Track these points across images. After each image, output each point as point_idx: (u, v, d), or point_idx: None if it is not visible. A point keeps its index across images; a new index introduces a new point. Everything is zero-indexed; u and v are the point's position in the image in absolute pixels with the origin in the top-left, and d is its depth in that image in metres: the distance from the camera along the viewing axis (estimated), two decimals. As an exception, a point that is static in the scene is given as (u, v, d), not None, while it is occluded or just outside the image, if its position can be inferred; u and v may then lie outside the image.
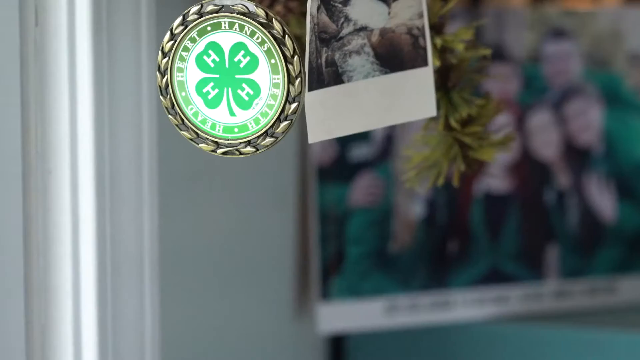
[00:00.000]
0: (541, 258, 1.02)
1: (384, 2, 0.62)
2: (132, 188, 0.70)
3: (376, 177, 0.97)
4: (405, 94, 0.63)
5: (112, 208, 0.69)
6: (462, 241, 1.00)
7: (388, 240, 0.98)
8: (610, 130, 1.04)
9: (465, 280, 1.00)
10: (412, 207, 0.99)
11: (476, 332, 1.00)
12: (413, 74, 0.63)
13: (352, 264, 0.97)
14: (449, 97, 0.70)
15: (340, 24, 0.61)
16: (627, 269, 1.05)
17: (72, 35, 0.66)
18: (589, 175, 1.03)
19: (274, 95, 0.58)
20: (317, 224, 0.96)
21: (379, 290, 0.98)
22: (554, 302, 1.02)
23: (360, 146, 0.97)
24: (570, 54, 1.03)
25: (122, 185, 0.70)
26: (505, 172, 1.01)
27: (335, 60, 0.61)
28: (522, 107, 1.02)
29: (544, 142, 1.02)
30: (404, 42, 0.63)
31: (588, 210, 1.03)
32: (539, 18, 1.02)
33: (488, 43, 1.00)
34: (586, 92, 1.03)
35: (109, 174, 0.69)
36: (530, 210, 1.02)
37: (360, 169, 0.97)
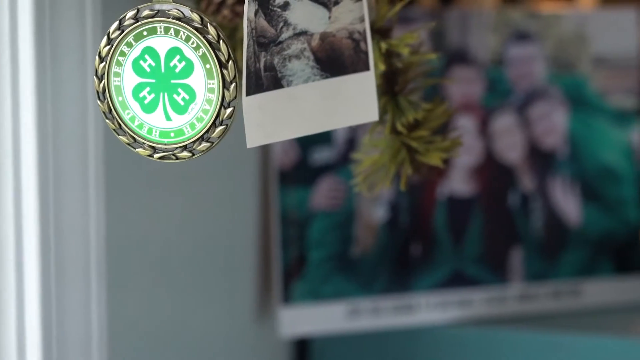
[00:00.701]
0: (505, 261, 1.02)
1: (325, 7, 0.62)
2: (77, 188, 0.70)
3: (338, 180, 0.97)
4: (346, 98, 0.63)
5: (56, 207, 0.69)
6: (425, 244, 1.00)
7: (350, 244, 0.98)
8: (575, 133, 1.04)
9: (428, 283, 1.00)
10: (375, 210, 0.98)
11: (439, 336, 1.00)
12: (355, 78, 0.63)
13: (313, 268, 0.97)
14: (395, 101, 0.70)
15: (280, 29, 0.61)
16: (592, 272, 1.04)
17: (15, 39, 0.65)
18: (554, 178, 1.03)
19: (209, 100, 0.58)
20: (279, 228, 0.96)
21: (340, 293, 0.97)
22: (518, 306, 1.02)
23: (322, 149, 0.97)
24: (534, 57, 1.03)
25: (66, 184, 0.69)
26: (469, 175, 1.01)
27: (274, 64, 0.61)
28: (486, 110, 1.01)
29: (508, 145, 1.02)
30: (345, 46, 0.63)
31: (552, 214, 1.03)
32: (503, 21, 1.02)
33: (452, 46, 1.00)
34: (550, 95, 1.03)
35: (52, 172, 0.68)
36: (494, 213, 1.02)
37: (322, 172, 0.97)
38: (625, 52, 1.06)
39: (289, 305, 0.96)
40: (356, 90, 0.63)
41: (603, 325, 1.00)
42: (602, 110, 1.05)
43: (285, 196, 0.96)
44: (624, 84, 1.06)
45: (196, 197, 0.91)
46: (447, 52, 1.00)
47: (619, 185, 1.05)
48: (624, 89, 1.06)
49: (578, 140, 1.04)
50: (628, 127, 1.06)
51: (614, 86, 1.05)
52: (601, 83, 1.05)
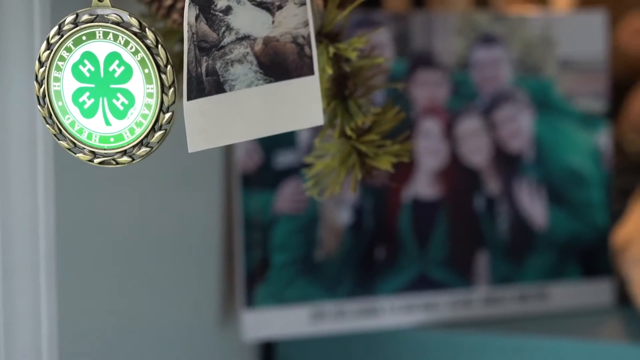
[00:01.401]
0: (471, 264, 1.02)
1: (268, 11, 0.62)
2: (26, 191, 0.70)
3: (302, 184, 0.97)
4: (291, 103, 0.63)
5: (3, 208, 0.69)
6: (390, 248, 1.00)
7: (314, 247, 0.98)
8: (541, 136, 1.04)
9: (393, 287, 1.00)
10: (339, 214, 0.98)
11: (405, 339, 1.00)
12: (299, 82, 0.63)
13: (277, 271, 0.97)
14: (345, 105, 0.70)
15: (222, 33, 0.61)
16: (558, 275, 1.04)
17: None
18: (520, 181, 1.03)
19: (148, 105, 0.58)
20: (242, 231, 0.96)
21: (304, 297, 0.97)
22: (483, 309, 1.02)
23: (285, 153, 0.97)
24: (500, 60, 1.03)
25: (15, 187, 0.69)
26: (434, 178, 1.01)
27: (216, 69, 0.60)
28: (451, 114, 1.01)
29: (474, 149, 1.02)
30: (288, 50, 0.62)
31: (518, 217, 1.03)
32: (469, 24, 1.02)
33: (417, 49, 1.00)
34: (516, 98, 1.03)
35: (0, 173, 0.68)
36: (460, 216, 1.02)
37: (286, 175, 0.97)
38: (593, 55, 1.06)
39: (253, 309, 0.96)
40: (300, 95, 0.63)
41: (569, 328, 1.00)
42: (569, 113, 1.05)
43: (248, 200, 0.96)
44: (591, 87, 1.05)
45: (159, 200, 0.90)
46: (412, 56, 1.00)
47: (586, 188, 1.05)
48: (591, 92, 1.06)
49: (544, 144, 1.04)
50: (595, 130, 1.06)
51: (581, 89, 1.05)
52: (568, 86, 1.05)
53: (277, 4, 0.62)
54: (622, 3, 1.48)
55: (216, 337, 0.97)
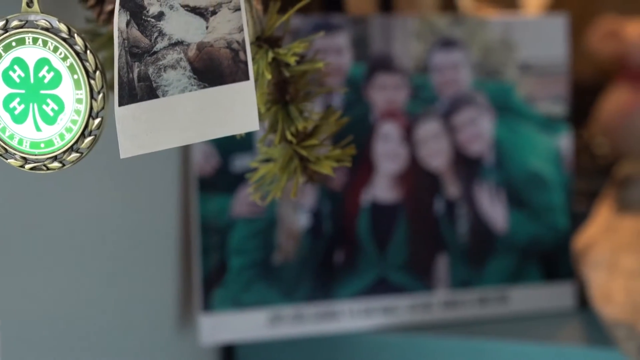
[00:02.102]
0: (430, 268, 1.02)
1: (202, 17, 0.62)
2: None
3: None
4: (225, 108, 0.63)
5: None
6: (349, 251, 1.00)
7: (272, 251, 0.98)
8: (501, 139, 1.04)
9: (352, 290, 1.00)
10: (297, 217, 0.98)
11: (364, 343, 1.00)
12: (233, 88, 0.63)
13: (234, 275, 0.97)
14: (286, 110, 0.70)
15: (154, 39, 0.61)
16: (518, 278, 1.04)
17: None
18: (480, 184, 1.03)
19: (77, 111, 0.58)
20: (199, 235, 0.96)
21: (262, 301, 0.97)
22: (443, 312, 1.02)
23: (242, 157, 0.97)
24: (459, 64, 1.03)
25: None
26: (393, 182, 1.01)
27: (148, 75, 0.60)
28: (410, 117, 1.01)
29: (433, 152, 1.02)
30: (223, 56, 0.62)
31: (478, 220, 1.03)
32: (428, 27, 1.02)
33: (376, 53, 1.00)
34: (476, 101, 1.03)
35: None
36: (419, 220, 1.02)
37: (243, 179, 0.97)
38: (554, 58, 1.06)
39: (210, 313, 0.96)
40: (235, 100, 0.62)
41: (529, 332, 1.00)
42: (529, 116, 1.05)
43: (205, 203, 0.96)
44: (552, 91, 1.06)
45: (115, 203, 0.90)
46: (371, 59, 1.00)
47: (547, 191, 1.05)
48: (552, 96, 1.06)
49: (504, 147, 1.04)
50: (556, 133, 1.06)
51: (542, 93, 1.05)
52: (528, 90, 1.05)
53: (211, 9, 0.62)
54: (592, 6, 1.48)
55: (174, 341, 0.97)
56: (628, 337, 0.90)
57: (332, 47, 0.99)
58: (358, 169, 1.00)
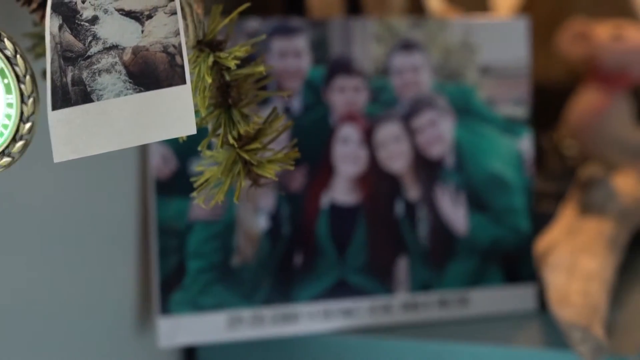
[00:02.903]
0: (391, 270, 1.02)
1: (137, 20, 0.62)
2: None
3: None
4: (162, 112, 0.63)
5: None
6: (308, 254, 1.00)
7: (230, 254, 0.98)
8: (462, 142, 1.04)
9: (312, 293, 1.00)
10: (255, 220, 0.98)
11: (324, 345, 1.00)
12: (170, 91, 0.63)
13: (193, 278, 0.97)
14: (228, 114, 0.70)
15: (88, 43, 0.61)
16: (479, 281, 1.05)
17: None
18: (440, 187, 1.03)
19: (8, 115, 0.58)
20: (157, 238, 0.96)
21: (221, 303, 0.97)
22: (403, 315, 1.02)
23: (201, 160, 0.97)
24: (419, 66, 1.03)
25: None
26: (353, 184, 1.01)
27: (82, 79, 0.61)
28: (370, 120, 1.01)
29: (394, 155, 1.02)
30: (159, 60, 0.62)
31: (439, 223, 1.03)
32: (388, 30, 1.02)
33: (335, 56, 1.00)
34: (436, 104, 1.03)
35: None
36: (379, 222, 1.02)
37: (201, 182, 0.96)
38: (514, 60, 1.06)
39: (168, 316, 0.96)
40: (172, 104, 0.63)
41: (489, 334, 1.00)
42: (490, 119, 1.05)
43: (163, 206, 0.96)
44: (513, 93, 1.06)
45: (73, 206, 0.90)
46: (330, 62, 1.00)
47: (508, 194, 1.05)
48: (513, 98, 1.06)
49: (465, 149, 1.04)
50: (517, 136, 1.06)
51: (503, 95, 1.05)
52: (489, 92, 1.05)
53: (146, 13, 0.62)
54: (562, 9, 1.49)
55: (134, 343, 0.97)
56: (583, 340, 0.90)
57: (291, 50, 0.99)
58: (317, 171, 1.00)
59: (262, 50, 0.98)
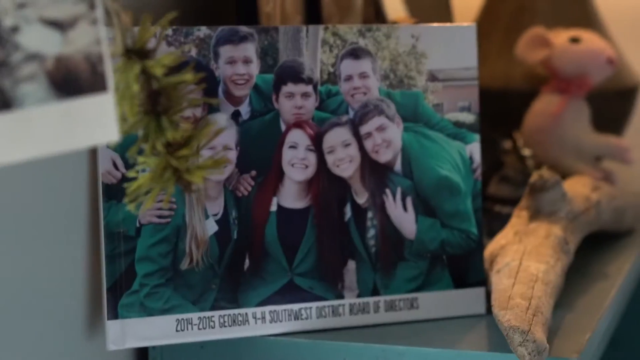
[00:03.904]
0: (339, 274, 1.03)
1: (59, 29, 0.63)
2: None
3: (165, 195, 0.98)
4: (84, 120, 0.64)
5: None
6: (257, 258, 1.01)
7: (179, 258, 0.99)
8: (410, 147, 1.05)
9: (260, 296, 1.01)
10: (205, 224, 1.00)
11: (272, 346, 1.01)
12: (92, 99, 0.64)
13: (142, 282, 0.98)
14: (157, 121, 0.71)
15: (9, 51, 0.62)
16: (428, 285, 1.06)
17: None
18: (389, 192, 1.05)
19: None
20: (106, 242, 0.97)
21: (170, 307, 0.99)
22: (352, 318, 1.03)
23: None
24: (368, 73, 1.04)
25: None
26: (301, 189, 1.02)
27: (3, 87, 0.62)
28: (319, 125, 1.03)
29: (342, 160, 1.03)
30: (81, 68, 0.64)
31: (388, 227, 1.04)
32: (336, 37, 1.03)
33: (285, 63, 1.02)
34: (385, 110, 1.04)
35: None
36: (328, 226, 1.03)
37: (150, 187, 0.98)
38: (463, 67, 1.07)
39: (117, 319, 0.97)
40: (94, 112, 0.64)
41: (436, 337, 1.01)
42: (439, 124, 1.06)
43: (112, 211, 0.97)
44: (461, 99, 1.07)
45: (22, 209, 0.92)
46: (280, 69, 1.02)
47: (456, 198, 1.06)
48: (462, 104, 1.07)
49: (414, 155, 1.05)
50: (465, 141, 1.07)
51: (451, 101, 1.07)
52: (438, 98, 1.06)
53: (69, 22, 0.63)
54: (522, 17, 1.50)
55: (85, 347, 0.99)
56: (522, 343, 0.91)
57: (240, 57, 1.00)
58: (267, 176, 1.02)
59: (210, 58, 0.99)
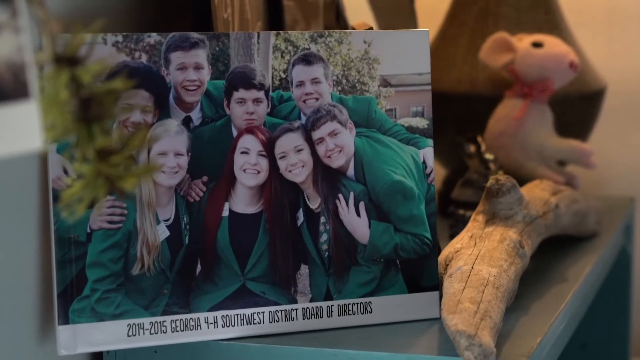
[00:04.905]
0: (292, 279, 1.04)
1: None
2: None
3: (117, 201, 0.99)
4: (8, 127, 0.64)
5: None
6: (209, 263, 1.02)
7: (131, 263, 1.00)
8: (362, 152, 1.06)
9: (212, 301, 1.02)
10: (156, 229, 1.00)
11: (225, 350, 1.02)
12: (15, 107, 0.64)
13: (93, 287, 0.98)
14: (88, 129, 0.71)
15: None
16: (381, 289, 1.06)
17: None
18: (342, 197, 1.05)
19: None
20: (57, 248, 0.97)
21: (121, 312, 0.99)
22: (305, 323, 1.04)
23: (100, 171, 0.98)
24: (320, 78, 1.05)
25: None
26: (253, 193, 1.03)
27: None
28: (271, 132, 1.03)
29: (295, 165, 1.04)
30: (3, 76, 0.64)
31: (340, 232, 1.05)
32: (288, 43, 1.04)
33: (236, 69, 1.02)
34: (337, 115, 1.05)
35: None
36: (281, 231, 1.04)
37: (101, 193, 0.98)
38: (416, 72, 1.08)
39: (68, 325, 0.98)
40: (18, 119, 0.64)
41: (390, 341, 1.02)
42: (392, 130, 1.07)
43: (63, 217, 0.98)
44: (414, 104, 1.07)
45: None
46: (231, 75, 1.02)
47: (410, 203, 1.07)
48: (414, 109, 1.08)
49: (366, 159, 1.06)
50: (418, 146, 1.07)
51: (404, 106, 1.07)
52: (390, 103, 1.07)
53: (-9, 31, 0.64)
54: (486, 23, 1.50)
55: (36, 352, 0.99)
56: (468, 347, 0.92)
57: (191, 63, 1.01)
58: (218, 181, 1.02)
59: (160, 64, 1.00)
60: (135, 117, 0.98)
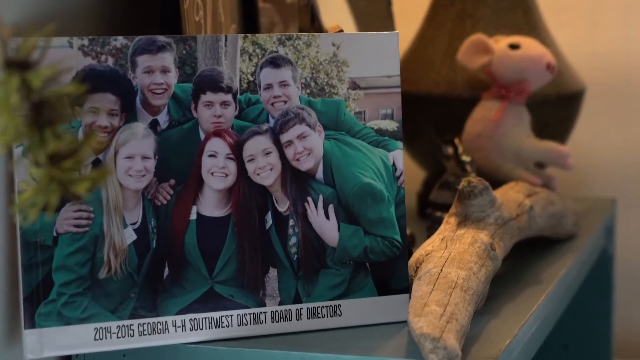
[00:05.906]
0: (260, 282, 1.04)
1: None
2: None
3: (83, 204, 0.99)
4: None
5: None
6: (177, 266, 1.02)
7: (98, 267, 0.99)
8: (331, 155, 1.05)
9: (180, 304, 1.02)
10: (123, 233, 1.00)
11: (193, 353, 1.01)
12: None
13: (59, 291, 0.98)
14: (40, 133, 0.71)
15: None
16: (350, 292, 1.06)
17: None
18: (310, 200, 1.05)
19: None
20: (22, 251, 0.97)
21: (88, 316, 0.99)
22: (274, 326, 1.04)
23: (67, 174, 0.98)
24: (288, 81, 1.05)
25: None
26: (221, 197, 1.03)
27: None
28: (239, 135, 1.03)
29: (263, 168, 1.04)
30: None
31: (309, 234, 1.05)
32: (256, 46, 1.04)
33: (203, 72, 1.02)
34: (306, 118, 1.05)
35: None
36: (249, 234, 1.03)
37: (67, 196, 0.98)
38: (385, 74, 1.07)
39: (34, 329, 0.97)
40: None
41: (359, 344, 1.01)
42: (361, 132, 1.07)
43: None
44: (383, 106, 1.07)
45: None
46: (198, 78, 1.02)
47: (379, 205, 1.06)
48: (384, 112, 1.07)
49: (335, 162, 1.05)
50: (388, 148, 1.07)
51: (373, 109, 1.07)
52: (360, 106, 1.06)
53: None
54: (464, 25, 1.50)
55: (3, 357, 0.99)
56: (433, 350, 0.91)
57: (157, 66, 1.01)
58: (186, 185, 1.02)
59: (127, 68, 0.99)
60: (101, 121, 0.97)
